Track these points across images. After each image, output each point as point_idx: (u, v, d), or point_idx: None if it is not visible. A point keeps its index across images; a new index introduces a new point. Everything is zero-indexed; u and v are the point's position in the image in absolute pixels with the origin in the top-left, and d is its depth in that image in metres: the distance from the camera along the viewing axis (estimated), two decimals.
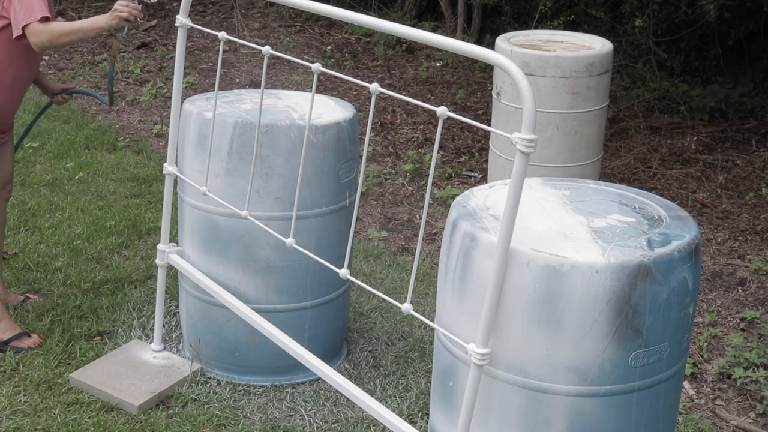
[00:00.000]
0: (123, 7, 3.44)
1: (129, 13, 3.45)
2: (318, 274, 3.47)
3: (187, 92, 7.08)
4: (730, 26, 7.19)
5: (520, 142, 2.13)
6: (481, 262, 2.35)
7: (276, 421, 3.37)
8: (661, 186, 5.82)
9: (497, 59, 2.19)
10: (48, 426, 3.27)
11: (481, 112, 7.06)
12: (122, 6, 3.45)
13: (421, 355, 3.82)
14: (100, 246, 4.64)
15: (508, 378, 2.36)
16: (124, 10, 3.44)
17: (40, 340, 3.76)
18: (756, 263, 4.73)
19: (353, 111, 3.54)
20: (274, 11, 9.54)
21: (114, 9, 3.46)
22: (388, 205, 5.47)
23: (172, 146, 3.50)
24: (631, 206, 2.61)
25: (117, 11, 3.45)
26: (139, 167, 5.82)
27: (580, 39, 5.31)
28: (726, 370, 3.80)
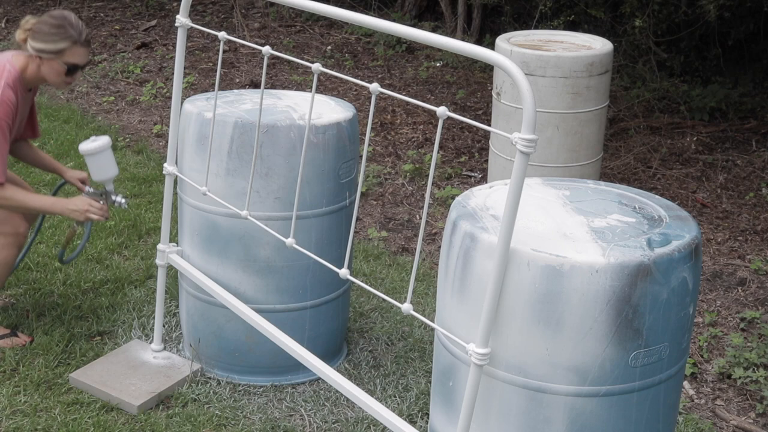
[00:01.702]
0: (96, 210, 3.47)
1: (99, 216, 3.49)
2: (318, 274, 3.47)
3: (187, 92, 7.09)
4: (730, 26, 7.19)
5: (520, 142, 2.13)
6: (481, 262, 2.35)
7: (276, 421, 3.37)
8: (661, 186, 5.82)
9: (497, 59, 2.19)
10: (48, 426, 3.27)
11: (481, 112, 7.07)
12: (95, 208, 3.47)
13: (421, 355, 3.82)
14: (100, 246, 4.64)
15: (508, 378, 2.36)
16: (97, 213, 3.47)
17: (27, 338, 3.75)
18: (756, 263, 4.73)
19: (353, 111, 3.54)
20: (274, 11, 9.54)
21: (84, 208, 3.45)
22: (388, 205, 5.47)
23: (172, 146, 3.50)
24: (631, 206, 2.61)
25: (88, 211, 3.46)
26: (139, 167, 5.82)
27: (580, 39, 5.31)
28: (726, 370, 3.80)
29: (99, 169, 3.54)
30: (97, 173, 3.55)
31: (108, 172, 3.55)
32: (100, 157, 3.52)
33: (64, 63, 3.41)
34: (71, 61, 3.43)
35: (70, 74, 3.46)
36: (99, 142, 3.51)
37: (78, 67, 3.46)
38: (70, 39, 3.40)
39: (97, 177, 3.56)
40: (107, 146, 3.53)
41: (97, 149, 3.50)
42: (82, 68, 3.50)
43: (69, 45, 3.40)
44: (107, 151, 3.53)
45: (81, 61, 3.45)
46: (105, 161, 3.53)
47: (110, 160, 3.55)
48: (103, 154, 3.52)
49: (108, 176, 3.57)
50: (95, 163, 3.53)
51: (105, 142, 3.52)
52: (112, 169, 3.57)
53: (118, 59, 8.24)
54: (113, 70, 7.91)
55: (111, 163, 3.56)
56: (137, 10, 9.96)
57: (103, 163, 3.53)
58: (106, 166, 3.54)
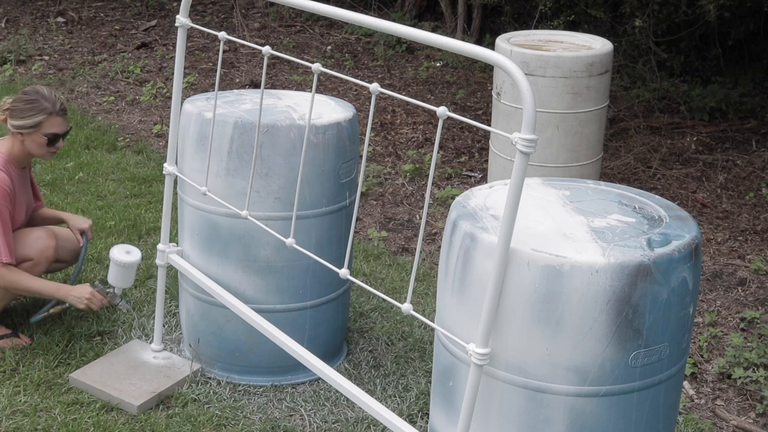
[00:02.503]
0: (97, 301, 3.55)
1: (98, 307, 3.57)
2: (318, 274, 3.47)
3: (187, 92, 7.09)
4: (730, 26, 7.19)
5: (520, 142, 2.13)
6: (481, 262, 2.35)
7: (276, 421, 3.37)
8: (661, 186, 5.82)
9: (497, 59, 2.19)
10: (48, 426, 3.27)
11: (481, 112, 7.07)
12: (97, 299, 3.55)
13: (421, 355, 3.82)
14: (100, 246, 4.63)
15: (508, 378, 2.36)
16: (97, 303, 3.56)
17: (28, 339, 3.76)
18: (756, 263, 4.73)
19: (353, 111, 3.54)
20: (274, 11, 9.55)
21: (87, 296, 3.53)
22: (388, 205, 5.47)
23: (172, 146, 3.50)
24: (631, 206, 2.61)
25: (91, 303, 3.54)
26: (139, 167, 5.82)
27: (580, 39, 5.31)
28: (726, 370, 3.80)
29: (120, 278, 3.59)
30: (117, 281, 3.60)
31: (126, 282, 3.62)
32: (127, 271, 3.58)
33: (44, 135, 3.53)
34: (50, 132, 3.54)
35: (51, 144, 3.57)
36: (133, 258, 3.55)
37: (58, 136, 3.58)
38: (45, 111, 3.52)
39: (115, 283, 3.60)
40: (138, 263, 3.59)
41: (130, 264, 3.55)
42: (63, 137, 3.61)
43: (45, 117, 3.53)
44: (135, 267, 3.59)
45: (60, 130, 3.58)
46: (129, 274, 3.60)
47: (133, 274, 3.62)
48: (131, 269, 3.58)
49: (125, 286, 3.63)
50: (119, 273, 3.57)
51: (138, 258, 3.57)
52: (131, 281, 3.63)
53: (118, 59, 8.24)
54: (113, 70, 7.91)
55: (133, 276, 3.62)
56: (137, 10, 9.96)
57: (126, 275, 3.59)
58: (128, 278, 3.60)
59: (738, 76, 7.52)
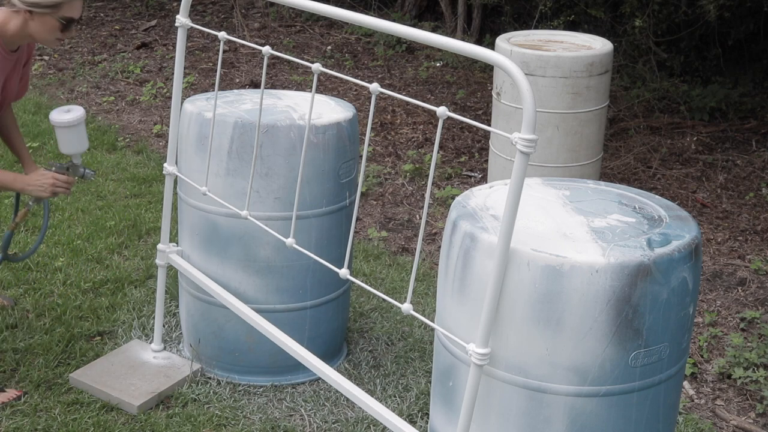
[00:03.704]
0: (63, 185, 3.25)
1: (65, 191, 3.27)
2: (318, 274, 3.47)
3: (187, 92, 7.09)
4: (730, 26, 7.19)
5: (520, 142, 2.13)
6: (481, 262, 2.35)
7: (276, 421, 3.37)
8: (661, 186, 5.82)
9: (497, 59, 2.19)
10: (48, 426, 3.27)
11: (481, 112, 7.06)
12: (62, 185, 3.24)
13: (421, 355, 3.82)
14: (100, 246, 4.64)
15: (508, 378, 2.36)
16: (62, 186, 3.25)
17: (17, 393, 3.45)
18: (756, 263, 4.73)
19: (353, 111, 3.54)
20: (274, 11, 9.54)
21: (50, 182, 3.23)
22: (388, 205, 5.47)
23: (172, 146, 3.50)
24: (631, 206, 2.61)
25: (55, 185, 3.23)
26: (139, 167, 5.82)
27: (580, 39, 5.31)
28: (726, 370, 3.80)
29: (70, 142, 3.28)
30: (68, 146, 3.30)
31: (80, 146, 3.31)
32: (73, 131, 3.26)
33: (61, 18, 3.07)
34: (68, 15, 3.09)
35: (65, 30, 3.10)
36: (74, 114, 3.25)
37: (73, 21, 3.11)
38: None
39: (67, 150, 3.31)
40: (82, 119, 3.28)
41: (72, 122, 3.25)
42: (77, 23, 3.16)
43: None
44: (81, 124, 3.28)
45: (77, 14, 3.11)
46: (78, 135, 3.28)
47: (83, 133, 3.30)
48: (77, 128, 3.27)
49: (79, 150, 3.32)
50: (67, 136, 3.27)
51: (80, 114, 3.26)
52: (84, 143, 3.32)
53: (118, 59, 8.24)
54: (113, 70, 7.91)
55: (83, 136, 3.31)
56: (137, 10, 9.96)
57: (75, 137, 3.28)
58: (79, 140, 3.30)
59: (738, 76, 7.51)
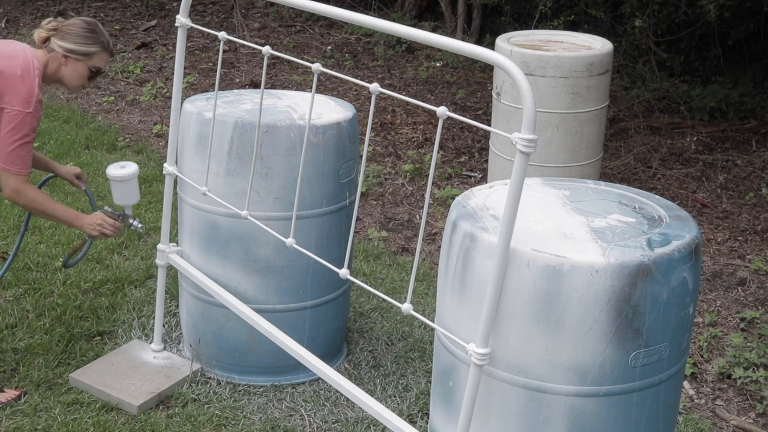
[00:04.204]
0: (110, 227, 3.49)
1: (112, 234, 3.51)
2: (318, 274, 3.47)
3: (187, 92, 7.09)
4: (730, 26, 7.19)
5: (520, 142, 2.13)
6: (481, 262, 2.35)
7: (276, 421, 3.37)
8: (661, 186, 5.82)
9: (497, 59, 2.19)
10: (48, 426, 3.27)
11: (481, 112, 7.06)
12: (108, 224, 3.49)
13: (421, 355, 3.82)
14: (100, 246, 4.64)
15: (508, 378, 2.36)
16: (109, 229, 3.49)
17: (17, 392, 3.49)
18: (756, 263, 4.73)
19: (353, 111, 3.54)
20: (274, 11, 9.54)
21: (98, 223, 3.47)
22: (388, 205, 5.47)
23: (172, 146, 3.50)
24: (631, 206, 2.61)
25: (103, 228, 3.48)
26: (139, 167, 5.81)
27: (580, 39, 5.31)
28: (726, 370, 3.80)
29: (123, 195, 3.56)
30: (121, 198, 3.57)
31: (131, 198, 3.58)
32: (127, 185, 3.55)
33: (92, 67, 3.45)
34: (97, 65, 3.46)
35: (91, 78, 3.50)
36: (129, 170, 3.53)
37: (100, 72, 3.51)
38: (101, 44, 3.44)
39: (120, 202, 3.58)
40: (136, 174, 3.56)
41: (127, 177, 3.52)
42: (102, 74, 3.55)
43: (99, 50, 3.44)
44: (134, 179, 3.56)
45: (104, 66, 3.51)
46: (132, 189, 3.56)
47: (136, 187, 3.58)
48: (131, 182, 3.55)
49: (130, 203, 3.59)
50: (121, 189, 3.55)
51: (134, 170, 3.54)
52: (136, 196, 3.59)
53: (118, 59, 8.24)
54: (113, 70, 7.91)
55: (136, 190, 3.59)
56: (137, 10, 9.96)
57: (128, 190, 3.56)
58: (131, 193, 3.57)
59: (738, 76, 7.51)
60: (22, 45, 3.46)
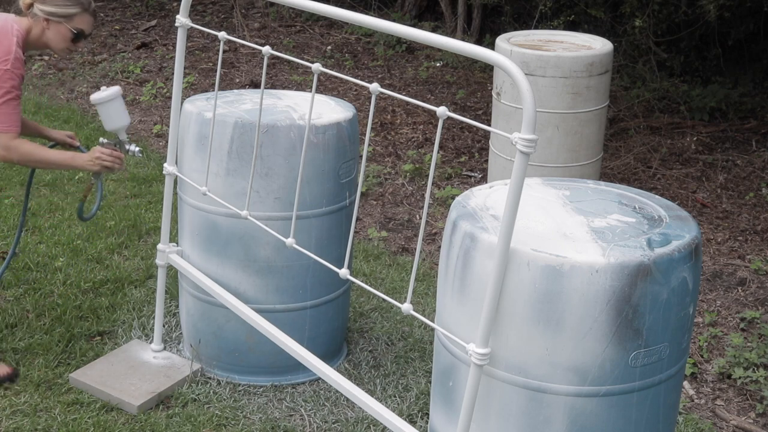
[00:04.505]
0: (107, 155, 3.45)
1: (112, 162, 3.46)
2: (318, 274, 3.47)
3: (187, 92, 7.09)
4: (730, 26, 7.19)
5: (520, 142, 2.13)
6: (481, 262, 2.35)
7: (276, 421, 3.37)
8: (661, 186, 5.82)
9: (497, 59, 2.19)
10: (48, 426, 3.27)
11: (481, 112, 7.07)
12: (106, 154, 3.45)
13: (421, 355, 3.82)
14: (100, 246, 4.64)
15: (508, 378, 2.36)
16: (108, 158, 3.45)
17: (9, 369, 3.55)
18: (756, 263, 4.73)
19: (353, 111, 3.54)
20: (274, 11, 9.55)
21: (96, 156, 3.44)
22: (388, 205, 5.47)
23: (172, 146, 3.50)
24: (631, 206, 2.61)
25: (100, 159, 3.44)
26: (139, 167, 5.82)
27: (580, 39, 5.31)
28: (726, 370, 3.80)
29: (111, 118, 3.53)
30: (109, 122, 3.54)
31: (120, 120, 3.54)
32: (111, 106, 3.50)
33: (73, 28, 3.42)
34: (79, 27, 3.44)
35: (75, 41, 3.46)
36: (110, 91, 3.51)
37: (84, 34, 3.47)
38: (81, 6, 3.43)
39: (110, 126, 3.54)
40: (118, 94, 3.52)
41: (108, 97, 3.49)
42: (86, 37, 3.51)
43: (80, 11, 3.43)
44: (118, 99, 3.53)
45: (87, 28, 3.47)
46: (117, 110, 3.52)
47: (122, 108, 3.54)
48: (114, 103, 3.51)
49: (120, 125, 3.54)
50: (107, 112, 3.52)
51: (115, 90, 3.52)
52: (125, 117, 3.55)
53: (118, 59, 8.24)
54: (113, 70, 7.91)
55: (123, 111, 3.55)
56: (137, 10, 9.96)
57: (114, 112, 3.52)
58: (118, 115, 3.53)
59: (738, 76, 7.51)
60: (5, 15, 3.45)
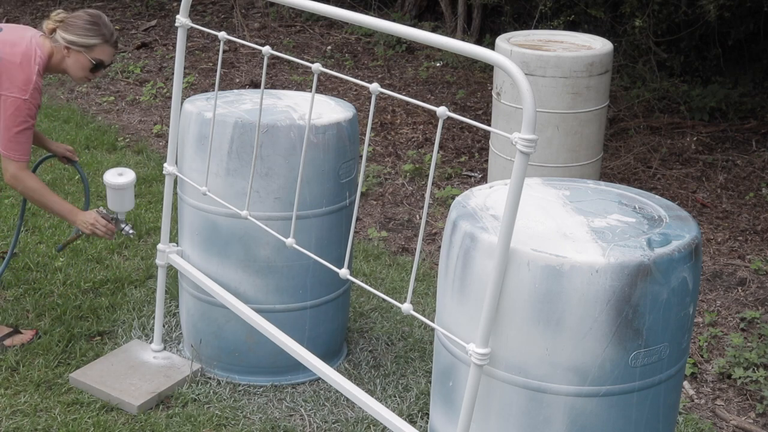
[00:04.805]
0: (101, 226, 3.56)
1: (104, 233, 3.58)
2: (318, 274, 3.47)
3: (187, 92, 7.09)
4: (730, 26, 7.19)
5: (520, 142, 2.13)
6: (481, 262, 2.35)
7: (276, 421, 3.37)
8: (661, 186, 5.82)
9: (497, 59, 2.19)
10: (48, 426, 3.27)
11: (481, 112, 7.06)
12: (101, 225, 3.56)
13: (421, 355, 3.82)
14: (100, 246, 4.64)
15: (508, 378, 2.36)
16: (101, 230, 3.57)
17: (32, 333, 3.77)
18: (756, 263, 4.73)
19: (353, 111, 3.54)
20: (274, 11, 9.54)
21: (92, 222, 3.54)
22: (388, 205, 5.47)
23: (172, 146, 3.50)
24: (631, 206, 2.61)
25: (95, 227, 3.55)
26: (139, 167, 5.82)
27: (580, 39, 5.31)
28: (726, 370, 3.80)
29: (118, 202, 3.61)
30: (115, 205, 3.62)
31: (126, 206, 3.64)
32: (124, 193, 3.60)
33: (93, 59, 3.50)
34: (99, 58, 3.52)
35: (94, 71, 3.55)
36: (126, 179, 3.58)
37: (102, 65, 3.56)
38: (103, 37, 3.50)
39: (115, 208, 3.63)
40: (133, 183, 3.61)
41: (124, 186, 3.58)
42: (105, 67, 3.61)
43: (100, 42, 3.50)
44: (131, 188, 3.61)
45: (107, 59, 3.56)
46: (127, 196, 3.61)
47: (132, 196, 3.64)
48: (127, 190, 3.60)
49: (125, 210, 3.65)
50: (118, 197, 3.60)
51: (131, 179, 3.59)
52: (130, 203, 3.65)
53: (118, 59, 8.23)
54: (113, 70, 7.91)
55: (131, 198, 3.64)
56: (137, 10, 9.96)
57: (124, 198, 3.61)
58: (126, 201, 3.62)
59: (738, 76, 7.51)
60: (32, 33, 3.54)
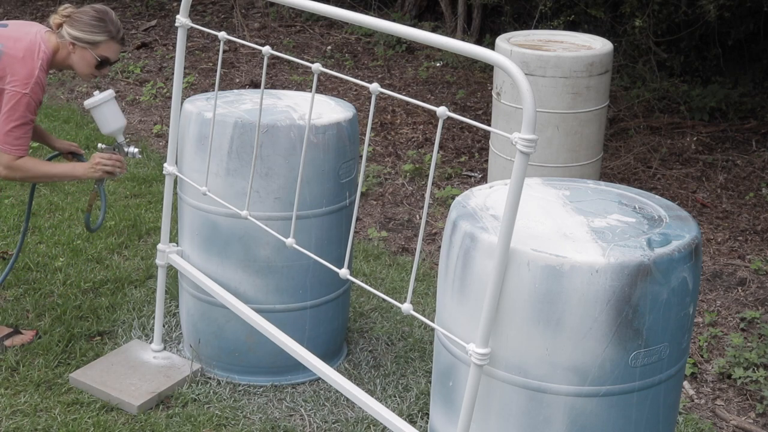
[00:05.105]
0: (106, 159, 3.49)
1: (113, 166, 3.50)
2: (318, 274, 3.47)
3: (187, 92, 7.09)
4: (730, 26, 7.19)
5: (520, 142, 2.13)
6: (481, 262, 2.35)
7: (276, 421, 3.37)
8: (661, 186, 5.82)
9: (497, 59, 2.19)
10: (48, 426, 3.27)
11: (481, 112, 7.06)
12: (105, 159, 3.49)
13: (421, 355, 3.82)
14: (100, 246, 4.64)
15: (508, 378, 2.36)
16: (108, 163, 3.49)
17: (32, 333, 3.76)
18: (756, 263, 4.73)
19: (353, 111, 3.54)
20: (274, 11, 9.54)
21: (96, 162, 3.49)
22: (388, 205, 5.47)
23: (172, 146, 3.50)
24: (631, 206, 2.61)
25: (101, 164, 3.49)
26: (139, 167, 5.82)
27: (580, 39, 5.31)
28: (726, 370, 3.80)
29: (106, 121, 3.54)
30: (105, 126, 3.55)
31: (116, 123, 3.55)
32: (105, 109, 3.51)
33: (98, 55, 3.48)
34: (104, 55, 3.50)
35: (99, 67, 3.53)
36: (102, 94, 3.52)
37: (109, 61, 3.53)
38: (108, 33, 3.48)
39: (106, 130, 3.55)
40: (111, 96, 3.53)
41: (101, 100, 3.51)
42: (111, 64, 3.59)
43: (106, 38, 3.48)
44: (111, 101, 3.53)
45: (113, 56, 3.53)
46: (111, 112, 3.53)
47: (116, 110, 3.54)
48: (108, 105, 3.52)
49: (116, 127, 3.55)
50: (102, 116, 3.53)
51: (108, 93, 3.53)
52: (120, 119, 3.56)
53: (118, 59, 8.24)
54: (113, 70, 7.91)
55: (118, 113, 3.55)
56: (137, 10, 9.96)
57: (109, 115, 3.53)
58: (114, 117, 3.54)
59: (738, 76, 7.51)
60: (38, 28, 3.52)
